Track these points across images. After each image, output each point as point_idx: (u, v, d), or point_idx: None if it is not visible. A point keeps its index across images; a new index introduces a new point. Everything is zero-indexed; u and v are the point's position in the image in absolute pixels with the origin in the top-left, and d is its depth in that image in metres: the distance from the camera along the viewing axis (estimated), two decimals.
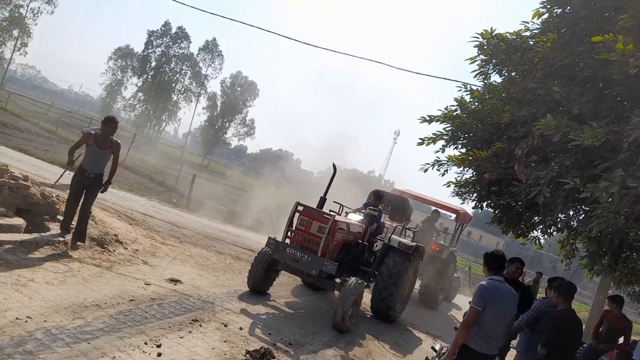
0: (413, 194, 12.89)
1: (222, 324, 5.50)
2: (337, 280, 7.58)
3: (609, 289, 12.62)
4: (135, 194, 15.25)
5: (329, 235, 7.03)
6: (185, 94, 60.47)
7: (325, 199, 7.95)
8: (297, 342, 5.76)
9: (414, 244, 8.57)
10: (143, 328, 4.62)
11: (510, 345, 6.06)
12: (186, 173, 26.39)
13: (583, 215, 7.30)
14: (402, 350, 7.24)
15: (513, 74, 7.07)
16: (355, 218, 8.53)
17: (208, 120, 60.37)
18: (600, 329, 7.10)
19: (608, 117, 5.61)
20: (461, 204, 9.09)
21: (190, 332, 4.93)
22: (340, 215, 8.30)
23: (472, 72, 7.36)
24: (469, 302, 4.14)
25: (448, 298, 13.89)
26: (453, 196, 8.84)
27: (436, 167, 8.47)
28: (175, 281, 6.62)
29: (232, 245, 10.74)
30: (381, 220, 8.75)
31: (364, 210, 8.54)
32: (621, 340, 6.85)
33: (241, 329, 5.53)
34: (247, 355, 4.78)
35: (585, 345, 6.90)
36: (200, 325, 5.20)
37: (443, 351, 5.25)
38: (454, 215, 12.99)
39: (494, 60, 7.00)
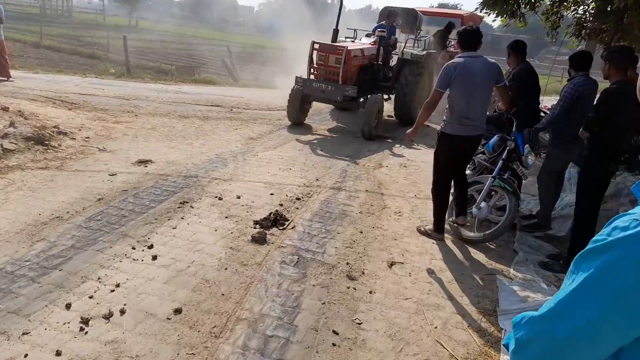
0: (420, 9, 12.27)
1: (216, 197, 4.69)
2: (361, 100, 8.31)
3: (594, 51, 12.20)
4: (65, 74, 13.17)
5: (345, 64, 7.94)
6: None
7: (338, 30, 8.88)
8: (306, 194, 5.08)
9: (425, 52, 9.26)
10: (124, 230, 3.77)
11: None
12: (115, 39, 23.21)
13: None
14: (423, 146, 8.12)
15: None
16: (368, 41, 9.34)
17: None
18: None
19: None
20: None
21: (182, 218, 4.12)
22: (354, 41, 9.37)
23: None
24: None
25: None
26: None
27: None
28: (144, 162, 5.61)
29: (194, 106, 9.48)
30: (394, 35, 9.65)
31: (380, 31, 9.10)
32: None
33: (239, 197, 4.75)
34: (257, 227, 4.07)
35: None
36: (192, 207, 4.37)
37: None
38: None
39: None
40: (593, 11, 8.88)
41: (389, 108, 9.81)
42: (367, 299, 3.19)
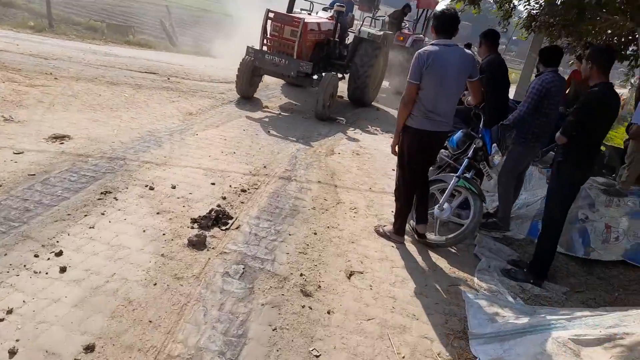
0: None
1: (146, 186, 4.00)
2: (314, 77, 8.10)
3: (541, 44, 12.33)
4: None
5: (301, 37, 7.47)
6: None
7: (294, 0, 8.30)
8: (253, 185, 4.51)
9: (382, 32, 9.01)
10: (26, 230, 3.03)
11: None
12: None
13: None
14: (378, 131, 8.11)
15: None
16: (325, 16, 8.90)
17: None
18: (567, 92, 6.54)
19: None
20: None
21: (103, 213, 3.42)
22: (310, 14, 8.83)
23: None
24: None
25: None
26: None
27: None
28: (60, 138, 4.75)
29: (126, 71, 8.44)
30: (351, 13, 9.38)
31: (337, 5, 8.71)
32: None
33: (174, 187, 4.09)
34: (196, 226, 3.47)
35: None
36: (116, 199, 3.67)
37: None
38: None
39: None
40: (544, 3, 9.04)
41: (341, 88, 9.33)
42: (325, 321, 2.74)
